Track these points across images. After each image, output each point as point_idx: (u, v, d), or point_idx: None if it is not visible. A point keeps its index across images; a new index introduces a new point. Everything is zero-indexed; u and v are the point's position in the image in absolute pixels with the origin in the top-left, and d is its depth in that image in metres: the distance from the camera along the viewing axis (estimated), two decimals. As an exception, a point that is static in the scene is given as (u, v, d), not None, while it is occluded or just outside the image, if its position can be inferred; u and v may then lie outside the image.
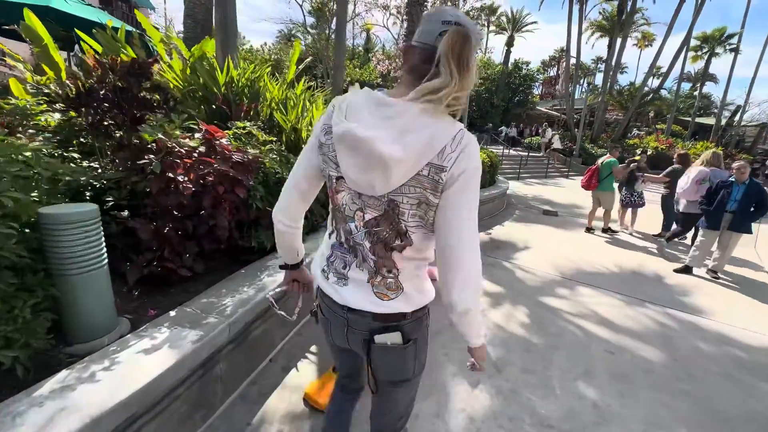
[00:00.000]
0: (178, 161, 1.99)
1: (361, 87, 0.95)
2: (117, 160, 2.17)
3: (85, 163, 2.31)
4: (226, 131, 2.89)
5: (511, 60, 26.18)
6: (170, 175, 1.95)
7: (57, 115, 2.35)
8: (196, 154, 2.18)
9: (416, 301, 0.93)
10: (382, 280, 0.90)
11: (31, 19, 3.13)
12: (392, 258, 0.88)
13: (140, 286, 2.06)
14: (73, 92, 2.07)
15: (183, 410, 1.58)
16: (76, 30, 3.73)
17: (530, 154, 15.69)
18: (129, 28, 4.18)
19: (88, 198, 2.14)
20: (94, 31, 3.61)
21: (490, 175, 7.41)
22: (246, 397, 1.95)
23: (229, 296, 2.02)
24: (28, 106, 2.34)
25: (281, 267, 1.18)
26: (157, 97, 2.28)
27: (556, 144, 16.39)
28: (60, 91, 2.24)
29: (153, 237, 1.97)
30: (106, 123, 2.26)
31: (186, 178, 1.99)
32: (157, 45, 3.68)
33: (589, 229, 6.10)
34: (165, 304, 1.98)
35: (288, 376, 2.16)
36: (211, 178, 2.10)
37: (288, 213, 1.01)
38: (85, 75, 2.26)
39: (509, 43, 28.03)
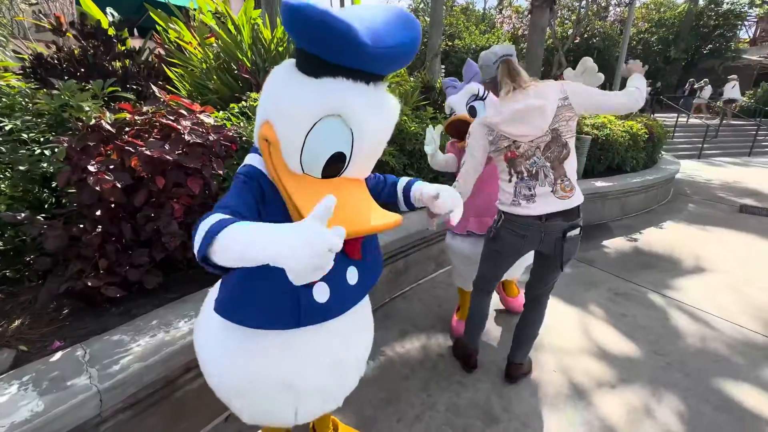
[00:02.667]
0: (91, 144, 1.45)
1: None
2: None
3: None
4: (233, 105, 2.33)
5: (703, -6, 19.02)
6: (83, 164, 1.44)
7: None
8: (151, 135, 1.63)
9: (581, 196, 1.50)
10: (561, 184, 1.45)
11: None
12: (563, 167, 1.45)
13: (76, 303, 1.67)
14: (28, 64, 1.75)
15: None
16: (151, 14, 3.76)
17: (724, 121, 11.18)
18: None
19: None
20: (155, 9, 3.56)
21: (646, 153, 5.18)
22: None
23: (149, 333, 1.44)
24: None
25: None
26: (119, 65, 1.79)
27: (731, 94, 11.71)
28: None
29: (69, 245, 1.52)
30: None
31: (101, 168, 1.45)
32: (206, 15, 3.38)
33: None
34: (86, 332, 1.52)
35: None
36: (139, 167, 1.51)
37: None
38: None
39: (702, -29, 20.35)
